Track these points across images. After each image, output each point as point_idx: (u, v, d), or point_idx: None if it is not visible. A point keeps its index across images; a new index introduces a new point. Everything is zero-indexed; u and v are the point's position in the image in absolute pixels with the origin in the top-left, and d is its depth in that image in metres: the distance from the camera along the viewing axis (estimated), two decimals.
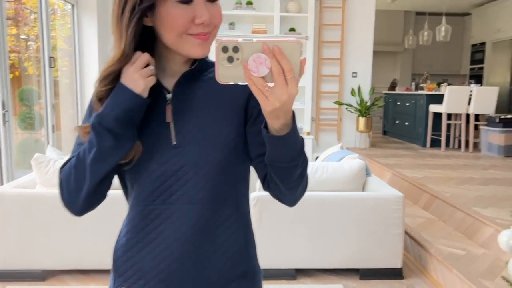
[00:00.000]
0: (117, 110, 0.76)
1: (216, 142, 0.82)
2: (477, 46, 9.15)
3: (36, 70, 4.31)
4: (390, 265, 2.70)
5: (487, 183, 4.15)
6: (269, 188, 0.85)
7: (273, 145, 0.74)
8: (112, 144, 0.77)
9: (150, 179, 0.81)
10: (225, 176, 0.83)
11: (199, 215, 0.82)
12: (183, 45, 0.79)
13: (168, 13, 0.76)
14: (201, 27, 0.77)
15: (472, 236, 3.07)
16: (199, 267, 0.83)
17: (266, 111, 0.69)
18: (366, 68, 6.43)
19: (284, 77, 0.65)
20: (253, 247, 0.92)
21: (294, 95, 0.67)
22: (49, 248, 2.57)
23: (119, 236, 0.88)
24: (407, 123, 7.27)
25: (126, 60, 0.78)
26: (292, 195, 0.83)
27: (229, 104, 0.84)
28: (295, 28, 6.05)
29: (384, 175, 4.85)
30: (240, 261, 0.87)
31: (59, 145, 4.69)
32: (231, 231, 0.86)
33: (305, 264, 2.70)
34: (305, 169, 0.81)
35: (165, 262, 0.82)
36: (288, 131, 0.72)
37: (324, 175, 2.68)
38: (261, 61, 0.65)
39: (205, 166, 0.81)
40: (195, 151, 0.81)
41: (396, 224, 2.65)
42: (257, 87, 0.66)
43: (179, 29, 0.76)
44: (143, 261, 0.83)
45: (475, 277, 2.45)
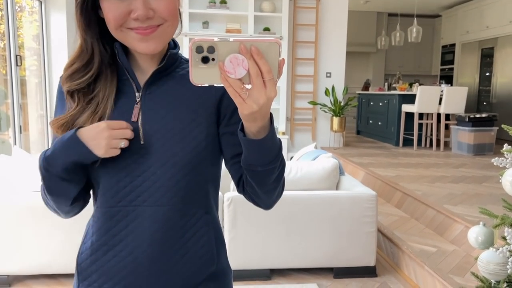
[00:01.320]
0: (67, 160, 0.75)
1: (184, 143, 0.79)
2: (447, 47, 9.38)
3: (2, 69, 4.17)
4: (364, 263, 2.72)
5: (457, 181, 4.25)
6: (243, 191, 0.83)
7: (250, 148, 0.72)
8: (61, 186, 0.77)
9: (116, 178, 0.79)
10: (194, 177, 0.81)
11: (167, 217, 0.80)
12: (125, 39, 0.76)
13: (104, 7, 0.75)
14: (138, 21, 0.73)
15: (443, 233, 3.13)
16: (167, 271, 0.81)
17: (243, 114, 0.66)
18: (339, 68, 6.49)
19: (262, 79, 0.62)
20: (223, 247, 0.90)
21: (272, 97, 0.64)
22: (14, 253, 2.48)
23: (84, 238, 0.85)
24: (380, 122, 7.38)
25: (86, 54, 0.78)
26: (269, 198, 0.81)
27: (200, 103, 0.81)
28: (269, 27, 6.05)
29: (357, 174, 4.90)
30: (209, 263, 0.85)
31: (27, 146, 4.55)
32: (200, 233, 0.83)
33: (280, 264, 2.69)
34: (282, 173, 0.79)
35: (131, 265, 0.79)
36: (266, 135, 0.70)
37: (298, 175, 2.68)
38: (238, 62, 0.62)
39: (173, 167, 0.78)
40: (163, 151, 0.78)
41: (369, 222, 2.67)
42: (234, 89, 0.63)
43: (113, 23, 0.74)
44: (108, 265, 0.80)
45: (446, 273, 2.49)
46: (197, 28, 5.91)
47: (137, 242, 0.79)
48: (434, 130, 6.25)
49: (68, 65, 0.80)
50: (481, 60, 8.21)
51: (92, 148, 0.73)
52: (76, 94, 0.79)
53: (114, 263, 0.80)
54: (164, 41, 0.78)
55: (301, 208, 2.62)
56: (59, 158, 0.75)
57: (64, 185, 0.77)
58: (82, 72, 0.79)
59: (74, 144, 0.74)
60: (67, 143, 0.74)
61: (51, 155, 0.75)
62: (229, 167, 0.84)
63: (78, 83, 0.79)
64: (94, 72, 0.80)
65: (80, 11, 0.76)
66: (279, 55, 0.63)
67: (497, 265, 1.05)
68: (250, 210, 2.54)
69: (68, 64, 0.80)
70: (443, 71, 9.54)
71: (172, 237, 0.80)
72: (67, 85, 0.79)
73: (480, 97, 8.21)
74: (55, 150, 0.75)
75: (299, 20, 6.29)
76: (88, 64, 0.80)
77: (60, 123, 0.79)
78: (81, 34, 0.78)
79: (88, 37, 0.78)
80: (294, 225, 2.63)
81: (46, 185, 0.78)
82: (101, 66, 0.81)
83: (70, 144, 0.74)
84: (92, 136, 0.74)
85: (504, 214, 1.11)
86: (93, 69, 0.80)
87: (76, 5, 0.76)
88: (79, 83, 0.79)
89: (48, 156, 0.76)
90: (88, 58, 0.79)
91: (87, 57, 0.79)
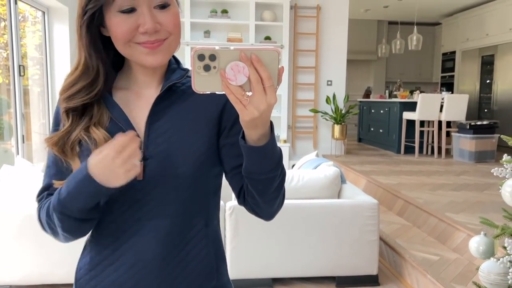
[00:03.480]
0: (83, 201, 0.72)
1: (186, 155, 0.79)
2: (447, 54, 9.40)
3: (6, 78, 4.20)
4: (366, 272, 2.71)
5: (459, 189, 4.24)
6: (244, 202, 0.82)
7: (251, 156, 0.72)
8: (79, 225, 0.76)
9: (117, 193, 0.77)
10: (196, 189, 0.81)
11: (169, 230, 0.79)
12: (132, 54, 0.77)
13: (111, 23, 0.75)
14: (147, 35, 0.75)
15: (445, 241, 3.12)
16: (167, 285, 0.80)
17: (244, 120, 0.67)
18: (340, 76, 6.52)
19: (262, 86, 0.64)
20: (224, 262, 0.89)
21: (273, 103, 0.65)
22: (16, 262, 2.48)
23: (83, 253, 0.84)
24: (381, 130, 7.39)
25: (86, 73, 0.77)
26: (269, 208, 0.80)
27: (202, 116, 0.82)
28: (270, 36, 6.09)
29: (359, 182, 4.90)
30: (209, 277, 0.84)
31: (30, 156, 4.56)
32: (201, 246, 0.83)
33: (282, 273, 2.68)
34: (283, 181, 0.79)
35: (132, 280, 0.79)
36: (267, 142, 0.71)
37: (299, 183, 2.68)
38: (239, 69, 0.63)
39: (175, 180, 0.78)
40: (165, 164, 0.78)
41: (371, 231, 2.67)
42: (235, 96, 0.64)
43: (122, 38, 0.75)
44: (108, 280, 0.79)
45: (448, 282, 2.48)
46: (198, 37, 5.95)
47: (138, 256, 0.79)
48: (435, 138, 6.25)
49: (70, 85, 0.78)
50: (482, 68, 8.23)
51: (111, 182, 0.70)
52: (70, 111, 0.79)
53: (114, 278, 0.79)
54: (170, 53, 0.80)
55: (303, 216, 2.62)
56: (76, 201, 0.72)
57: (82, 224, 0.76)
58: (85, 92, 0.78)
59: (89, 184, 0.70)
60: (82, 184, 0.71)
61: (66, 198, 0.72)
62: (230, 179, 0.84)
63: (78, 101, 0.78)
64: (99, 90, 0.79)
65: (86, 29, 0.76)
66: (279, 63, 0.65)
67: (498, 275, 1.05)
68: (251, 219, 2.53)
69: (69, 84, 0.78)
70: (444, 79, 9.56)
71: (173, 251, 0.80)
72: (64, 105, 0.78)
73: (481, 104, 8.22)
74: (70, 193, 0.72)
75: (299, 29, 6.32)
76: (93, 83, 0.79)
77: (54, 141, 0.78)
78: (86, 53, 0.77)
79: (94, 56, 0.78)
80: (296, 234, 2.63)
81: (61, 226, 0.75)
82: None
83: (85, 184, 0.70)
84: (105, 169, 0.69)
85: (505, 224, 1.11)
86: (98, 88, 0.79)
87: (82, 24, 0.76)
88: (80, 102, 0.78)
89: (63, 200, 0.72)
90: (93, 77, 0.79)
91: (92, 76, 0.78)
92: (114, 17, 0.74)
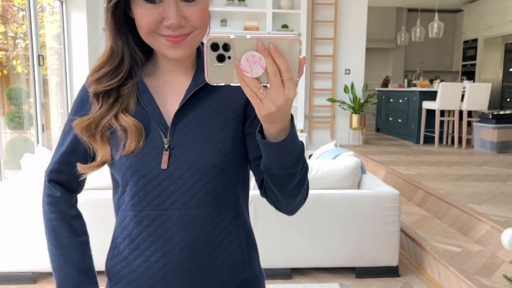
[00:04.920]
0: None
1: (211, 145, 0.77)
2: (469, 42, 9.18)
3: (25, 68, 4.24)
4: (386, 263, 2.68)
5: (481, 180, 4.15)
6: (266, 194, 0.80)
7: (268, 152, 0.68)
8: None
9: (142, 182, 0.77)
10: (222, 180, 0.79)
11: (196, 221, 0.78)
12: (155, 44, 0.75)
13: (136, 12, 0.73)
14: (171, 29, 0.72)
15: (467, 233, 3.06)
16: (197, 278, 0.79)
17: (260, 115, 0.63)
18: (359, 65, 6.41)
19: (280, 78, 0.58)
20: (255, 251, 0.88)
21: (292, 98, 0.60)
22: (39, 250, 2.51)
23: (113, 243, 0.84)
24: (400, 120, 7.27)
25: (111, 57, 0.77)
26: (290, 204, 0.77)
27: (227, 105, 0.80)
28: (287, 24, 6.01)
29: (378, 172, 4.84)
30: (240, 269, 0.82)
31: (49, 145, 4.62)
32: (231, 238, 0.81)
33: (301, 263, 2.67)
34: (304, 178, 0.75)
35: (162, 271, 0.78)
36: (285, 137, 0.66)
37: (319, 173, 2.65)
38: (255, 60, 0.58)
39: (200, 170, 0.77)
40: (190, 154, 0.77)
41: (392, 222, 2.62)
42: (250, 89, 0.60)
43: (145, 29, 0.73)
44: (139, 270, 0.79)
45: (471, 274, 2.43)
46: (215, 26, 5.91)
47: (168, 247, 0.78)
48: (455, 128, 6.12)
49: (97, 69, 0.78)
50: (505, 55, 8.01)
51: None
52: (101, 96, 0.78)
53: (145, 269, 0.79)
54: (193, 47, 0.77)
55: (323, 207, 2.59)
56: None
57: None
58: (111, 76, 0.78)
59: None
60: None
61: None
62: (253, 169, 0.82)
63: (105, 85, 0.77)
64: (123, 76, 0.78)
65: (111, 14, 0.75)
66: (300, 53, 0.59)
67: None
68: (271, 209, 2.51)
69: (96, 68, 0.78)
70: (465, 67, 9.34)
71: (202, 243, 0.78)
72: (93, 88, 0.78)
73: (503, 94, 8.02)
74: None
75: (317, 16, 6.23)
76: (117, 68, 0.78)
77: (85, 125, 0.78)
78: (112, 37, 0.77)
79: (119, 41, 0.77)
80: (315, 224, 2.60)
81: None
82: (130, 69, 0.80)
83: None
84: None
85: None
86: (123, 73, 0.78)
87: (108, 9, 0.74)
88: (107, 86, 0.78)
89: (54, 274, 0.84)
90: (118, 62, 0.78)
91: (117, 61, 0.78)
92: (140, 6, 0.72)
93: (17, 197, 2.49)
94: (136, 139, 0.76)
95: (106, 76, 0.77)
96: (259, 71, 0.59)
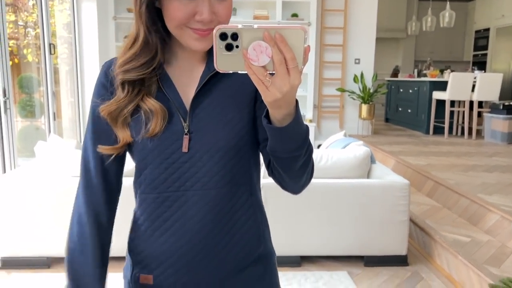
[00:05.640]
0: None
1: (228, 128, 0.81)
2: (480, 32, 9.06)
3: (36, 57, 4.26)
4: (395, 252, 2.69)
5: (491, 170, 4.13)
6: (272, 174, 0.84)
7: (274, 135, 0.72)
8: None
9: (164, 165, 0.81)
10: (239, 161, 0.83)
11: (215, 201, 0.82)
12: (182, 36, 0.78)
13: (170, 5, 0.76)
14: (201, 24, 0.75)
15: (477, 223, 3.06)
16: (217, 254, 0.83)
17: (267, 101, 0.66)
18: (369, 55, 6.37)
19: (286, 67, 0.62)
20: (268, 229, 0.92)
21: (296, 85, 0.63)
22: (54, 235, 2.56)
23: (134, 224, 0.87)
24: (409, 110, 7.23)
25: (146, 48, 0.79)
26: (295, 184, 0.81)
27: (242, 90, 0.84)
28: (297, 13, 5.97)
29: (388, 162, 4.83)
30: (255, 246, 0.87)
31: (60, 133, 4.67)
32: (247, 216, 0.85)
33: (310, 251, 2.69)
34: (309, 159, 0.78)
35: (183, 249, 0.82)
36: (290, 122, 0.69)
37: (329, 163, 2.65)
38: (261, 49, 0.61)
39: (218, 152, 0.81)
40: (208, 137, 0.81)
41: (401, 211, 2.63)
42: (257, 77, 0.63)
43: (178, 22, 0.76)
44: (160, 249, 0.83)
45: (481, 263, 2.44)
46: None
47: (188, 226, 0.82)
48: (466, 118, 6.08)
49: (129, 59, 0.80)
50: None
51: None
52: (129, 83, 0.81)
53: (167, 248, 0.83)
54: None
55: (333, 196, 2.61)
56: None
57: None
58: (144, 67, 0.80)
59: None
60: None
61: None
62: (261, 150, 0.86)
63: (137, 75, 0.80)
64: (156, 66, 0.81)
65: (146, 7, 0.77)
66: (305, 42, 0.62)
67: None
68: (280, 197, 2.54)
69: (129, 58, 0.80)
70: (476, 57, 9.23)
71: (221, 220, 0.82)
72: (121, 76, 0.80)
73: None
74: None
75: (327, 5, 6.18)
76: (153, 58, 0.81)
77: (111, 109, 0.81)
78: (145, 29, 0.79)
79: (153, 32, 0.79)
80: (325, 212, 2.62)
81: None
82: None
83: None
84: None
85: None
86: (155, 64, 0.81)
87: (142, 2, 0.77)
88: (139, 76, 0.80)
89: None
90: (154, 53, 0.80)
91: (153, 52, 0.80)
92: (175, 0, 0.75)
93: (31, 184, 2.53)
94: (161, 123, 0.79)
95: (140, 67, 0.80)
96: (266, 60, 0.62)
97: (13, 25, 4.17)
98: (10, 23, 4.06)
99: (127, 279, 0.88)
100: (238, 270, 0.86)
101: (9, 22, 4.01)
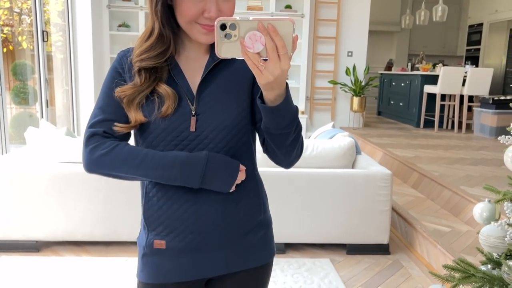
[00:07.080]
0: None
1: (230, 110, 0.93)
2: (474, 27, 9.11)
3: (30, 44, 4.29)
4: (377, 240, 2.77)
5: (476, 163, 4.22)
6: (267, 151, 0.95)
7: (267, 114, 0.83)
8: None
9: (174, 142, 0.92)
10: (241, 138, 0.95)
11: None
12: (190, 30, 0.90)
13: (182, 4, 0.88)
14: (208, 20, 0.87)
15: (458, 214, 3.14)
16: (223, 220, 0.96)
17: (261, 83, 0.77)
18: (361, 48, 6.42)
19: (277, 53, 0.72)
20: (266, 200, 1.06)
21: (286, 69, 0.74)
22: (43, 220, 2.62)
23: (146, 196, 0.98)
24: (401, 103, 7.30)
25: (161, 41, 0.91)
26: (287, 158, 0.93)
27: (242, 76, 0.96)
28: (291, 5, 6.01)
29: (375, 154, 4.91)
30: (256, 213, 1.01)
31: (53, 120, 4.70)
32: (250, 187, 0.99)
33: (294, 238, 2.76)
34: (299, 136, 0.91)
35: (193, 217, 0.94)
36: (281, 101, 0.81)
37: (314, 152, 2.72)
38: (256, 38, 0.72)
39: (222, 131, 0.92)
40: (214, 118, 0.93)
41: (383, 201, 2.71)
42: (252, 62, 0.74)
43: (188, 18, 0.88)
44: (173, 216, 0.95)
45: (458, 252, 2.52)
46: None
47: (197, 196, 0.94)
48: (456, 112, 6.16)
49: (146, 50, 0.92)
50: (510, 41, 7.96)
51: None
52: (143, 71, 0.92)
53: (179, 215, 0.95)
54: None
55: (316, 185, 2.68)
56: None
57: None
58: (159, 57, 0.92)
59: None
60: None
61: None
62: (257, 128, 0.98)
63: (153, 64, 0.91)
64: (169, 56, 0.93)
65: (161, 4, 0.89)
66: (293, 32, 0.72)
67: (497, 239, 1.09)
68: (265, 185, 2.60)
69: (145, 49, 0.92)
70: (469, 52, 9.29)
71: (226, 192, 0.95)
72: (139, 64, 0.92)
73: (506, 79, 8.00)
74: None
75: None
76: (167, 49, 0.93)
77: (129, 93, 0.92)
78: (160, 24, 0.91)
79: (167, 26, 0.91)
80: (309, 201, 2.69)
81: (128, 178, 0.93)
82: None
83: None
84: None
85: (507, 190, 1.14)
86: (169, 54, 0.93)
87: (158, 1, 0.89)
88: (155, 64, 0.92)
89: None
90: (168, 44, 0.92)
91: (167, 44, 0.92)
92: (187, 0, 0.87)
93: (22, 169, 2.59)
94: (172, 105, 0.91)
95: (154, 57, 0.92)
96: (260, 47, 0.73)
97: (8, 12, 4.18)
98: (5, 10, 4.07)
99: (142, 246, 1.00)
100: (243, 234, 0.99)
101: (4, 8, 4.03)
